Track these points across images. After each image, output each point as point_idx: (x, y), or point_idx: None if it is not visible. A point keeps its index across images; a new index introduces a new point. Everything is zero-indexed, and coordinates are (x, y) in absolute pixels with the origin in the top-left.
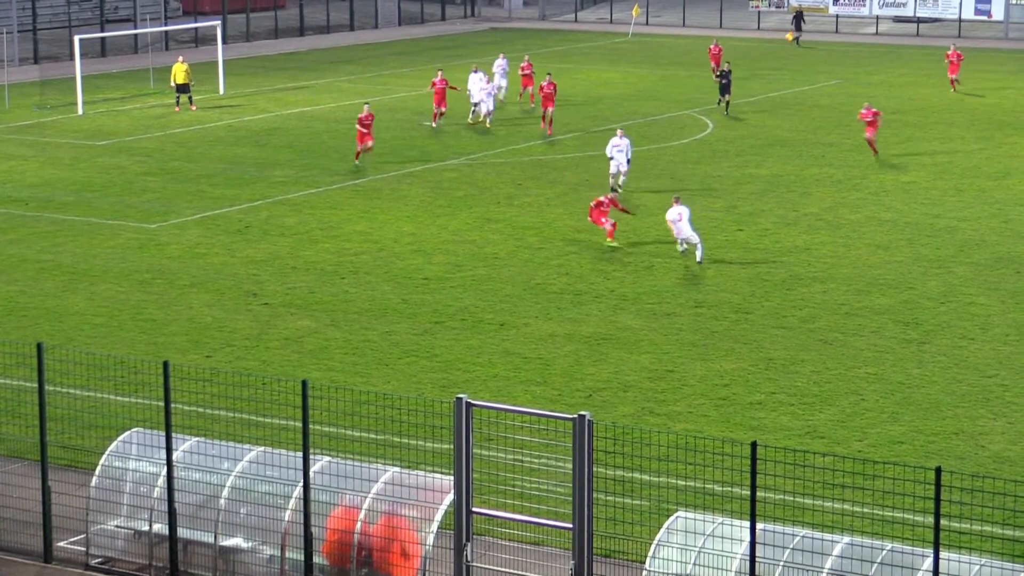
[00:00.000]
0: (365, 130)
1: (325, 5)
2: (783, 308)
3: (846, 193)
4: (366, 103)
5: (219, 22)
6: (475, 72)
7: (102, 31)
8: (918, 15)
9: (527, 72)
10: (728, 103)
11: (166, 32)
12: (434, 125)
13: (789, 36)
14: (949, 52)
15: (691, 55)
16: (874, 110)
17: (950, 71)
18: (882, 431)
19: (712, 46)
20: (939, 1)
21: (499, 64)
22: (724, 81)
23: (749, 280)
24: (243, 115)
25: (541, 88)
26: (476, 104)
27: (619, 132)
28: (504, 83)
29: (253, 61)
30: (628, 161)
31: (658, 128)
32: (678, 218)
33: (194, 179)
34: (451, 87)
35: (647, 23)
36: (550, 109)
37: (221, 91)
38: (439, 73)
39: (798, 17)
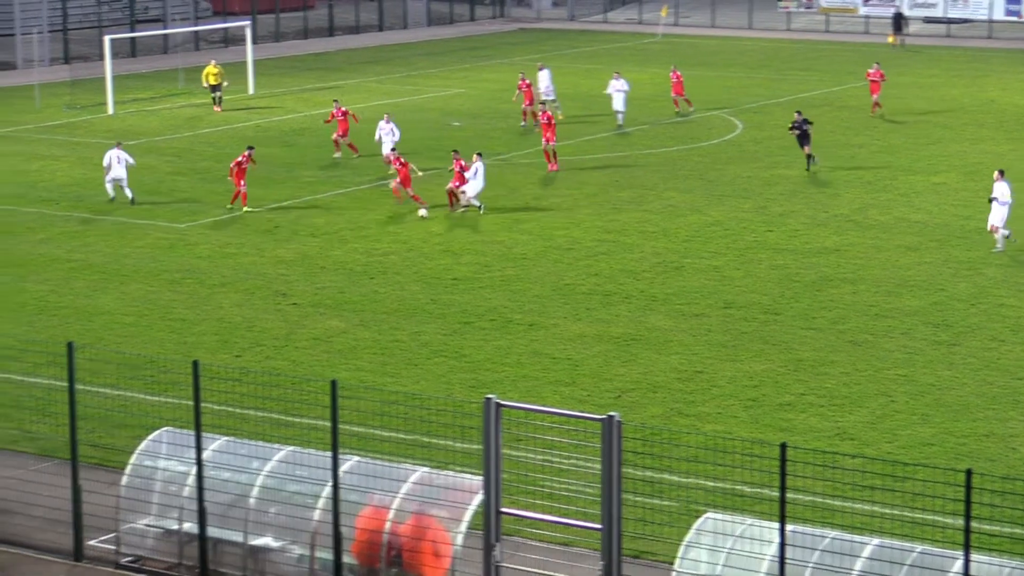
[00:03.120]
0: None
1: (354, 5)
2: (813, 309)
3: (876, 194)
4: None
5: (248, 22)
6: (542, 70)
7: (132, 31)
8: (948, 16)
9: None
10: (811, 156)
11: (196, 32)
12: (337, 156)
13: (891, 39)
14: (871, 71)
15: (720, 55)
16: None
17: (871, 91)
18: (912, 433)
19: (672, 72)
20: (969, 2)
21: (384, 127)
22: (797, 132)
23: (778, 281)
24: (272, 115)
25: (542, 116)
26: (544, 101)
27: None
28: (395, 138)
29: (282, 61)
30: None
31: (687, 129)
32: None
33: (223, 179)
34: (354, 117)
35: (676, 24)
36: (551, 143)
37: (250, 91)
38: (335, 104)
39: (898, 18)
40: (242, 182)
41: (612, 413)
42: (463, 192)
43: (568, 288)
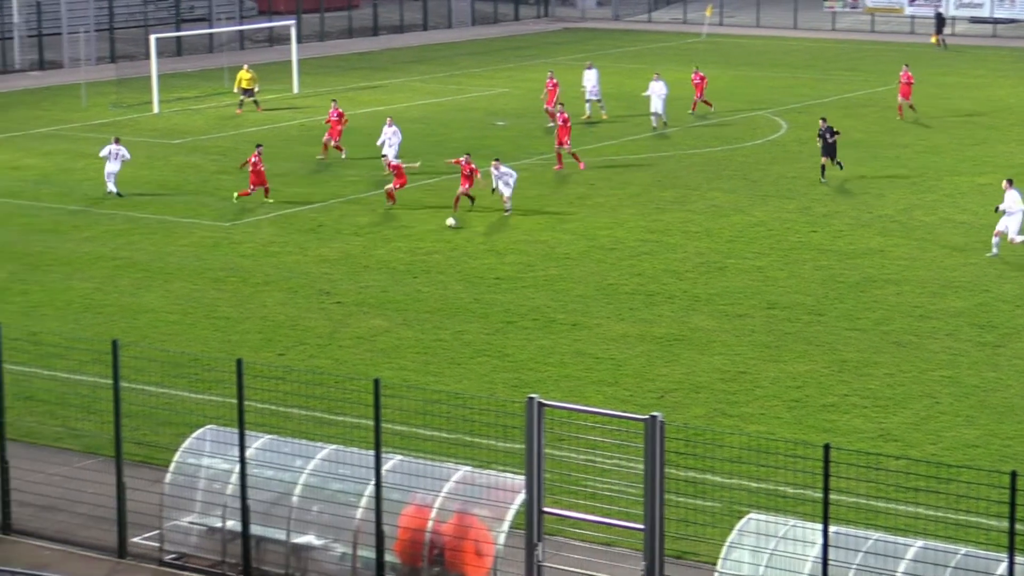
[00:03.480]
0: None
1: (399, 5)
2: (857, 310)
3: (921, 195)
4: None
5: (293, 22)
6: (589, 68)
7: (178, 30)
8: (995, 15)
9: (550, 88)
10: (841, 165)
11: (241, 32)
12: (322, 157)
13: (934, 39)
14: (901, 73)
15: (765, 55)
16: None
17: (901, 94)
18: (956, 435)
19: (694, 73)
20: (1016, 2)
21: (387, 131)
22: (821, 142)
23: (822, 282)
24: (316, 114)
25: (559, 118)
26: (588, 101)
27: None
28: (395, 147)
29: (327, 60)
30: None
31: (731, 128)
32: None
33: (268, 178)
34: (344, 121)
35: (721, 23)
36: (564, 146)
37: (295, 90)
38: (333, 104)
39: (939, 18)
40: (255, 182)
41: (655, 413)
42: (502, 195)
43: (611, 288)
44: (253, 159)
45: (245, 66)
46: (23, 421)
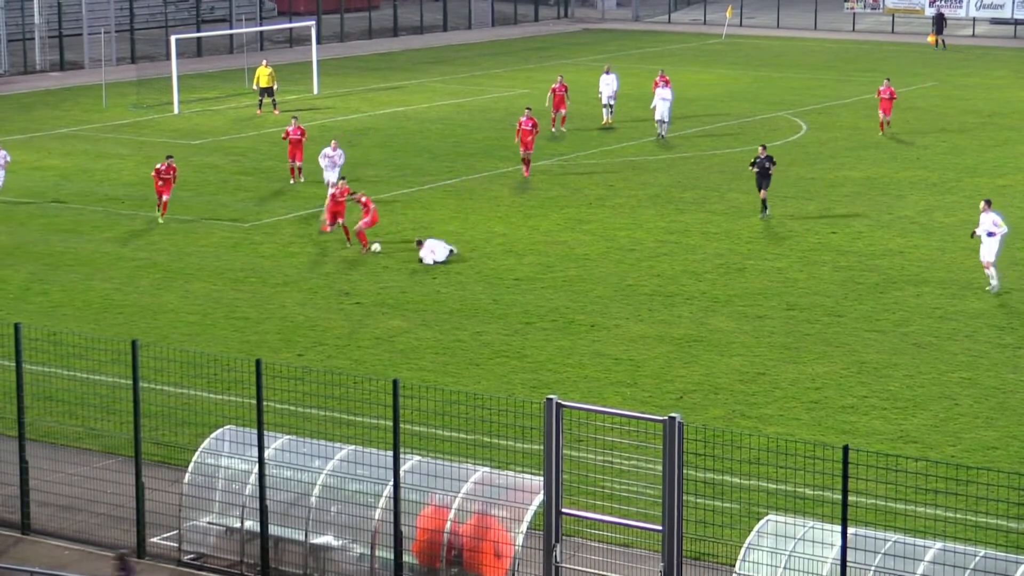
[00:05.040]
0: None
1: (419, 6)
2: (876, 311)
3: (941, 196)
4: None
5: (313, 23)
6: (607, 73)
7: (198, 31)
8: (1016, 17)
9: (560, 93)
10: (764, 202)
11: (261, 32)
12: (292, 181)
13: (931, 39)
14: (881, 88)
15: (785, 57)
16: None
17: (881, 110)
18: (976, 436)
19: (657, 77)
20: None
21: (330, 153)
22: (757, 170)
23: (842, 283)
24: (336, 115)
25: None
26: (606, 106)
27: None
28: (333, 177)
29: (347, 61)
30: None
31: (751, 130)
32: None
33: (287, 178)
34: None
35: (741, 24)
36: (529, 150)
37: (315, 91)
38: (293, 121)
39: (939, 19)
40: (164, 193)
41: (673, 414)
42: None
43: (630, 289)
44: (161, 166)
45: (264, 62)
46: (43, 421)
